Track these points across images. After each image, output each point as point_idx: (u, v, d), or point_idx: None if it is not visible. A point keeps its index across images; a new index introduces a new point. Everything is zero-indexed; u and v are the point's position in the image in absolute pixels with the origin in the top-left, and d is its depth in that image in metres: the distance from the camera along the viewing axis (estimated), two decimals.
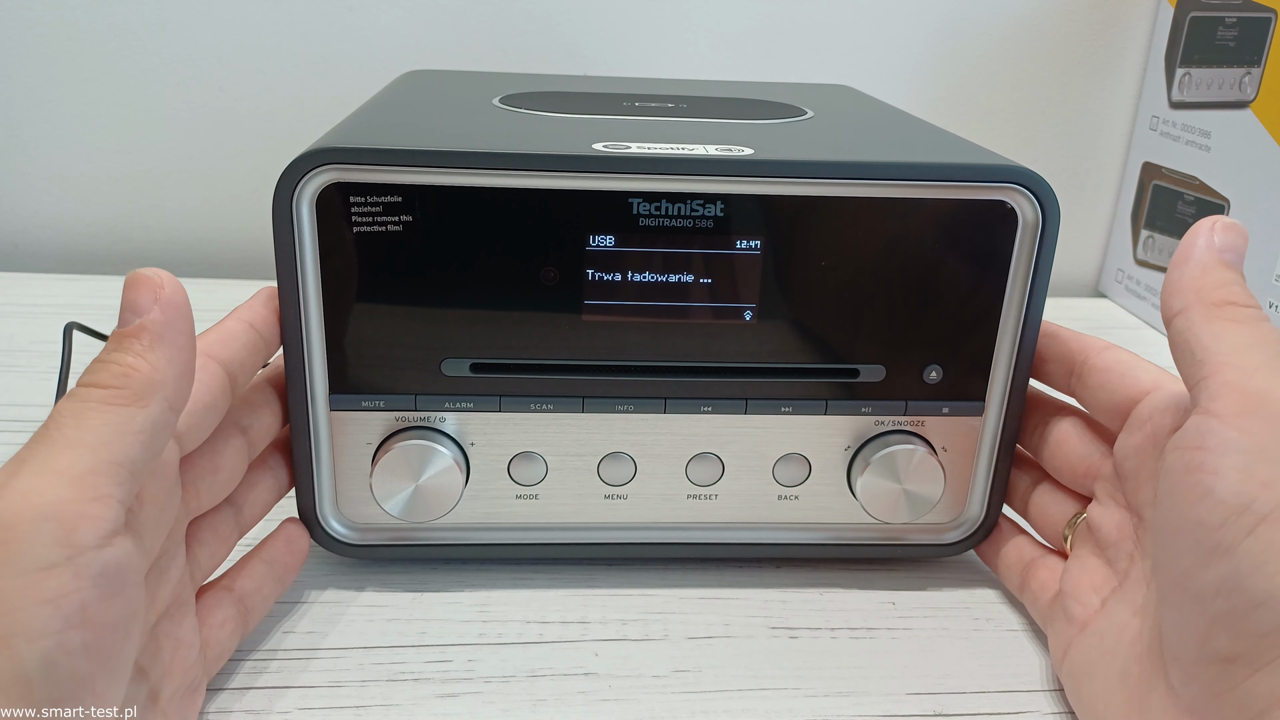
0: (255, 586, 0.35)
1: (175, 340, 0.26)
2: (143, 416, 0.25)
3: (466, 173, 0.34)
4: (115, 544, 0.24)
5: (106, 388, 0.25)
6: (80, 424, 0.24)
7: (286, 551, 0.36)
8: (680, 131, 0.39)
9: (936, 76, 0.76)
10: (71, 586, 0.23)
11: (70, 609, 0.23)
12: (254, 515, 0.36)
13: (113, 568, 0.24)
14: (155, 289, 0.26)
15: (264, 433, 0.35)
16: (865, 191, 0.35)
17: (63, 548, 0.23)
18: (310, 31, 0.71)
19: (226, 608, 0.33)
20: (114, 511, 0.24)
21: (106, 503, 0.24)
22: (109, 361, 0.26)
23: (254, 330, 0.34)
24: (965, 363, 0.38)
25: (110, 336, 0.27)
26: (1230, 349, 0.28)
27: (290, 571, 0.37)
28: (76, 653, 0.23)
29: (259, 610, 0.35)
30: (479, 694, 0.34)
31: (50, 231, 0.76)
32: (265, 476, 0.36)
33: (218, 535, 0.34)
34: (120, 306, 0.27)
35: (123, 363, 0.25)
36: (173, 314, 0.26)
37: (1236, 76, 0.64)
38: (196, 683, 0.31)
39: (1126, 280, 0.77)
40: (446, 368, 0.36)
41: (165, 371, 0.26)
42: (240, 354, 0.33)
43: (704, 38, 0.74)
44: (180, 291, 0.27)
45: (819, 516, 0.40)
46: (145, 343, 0.26)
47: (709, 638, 0.37)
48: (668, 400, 0.38)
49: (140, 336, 0.26)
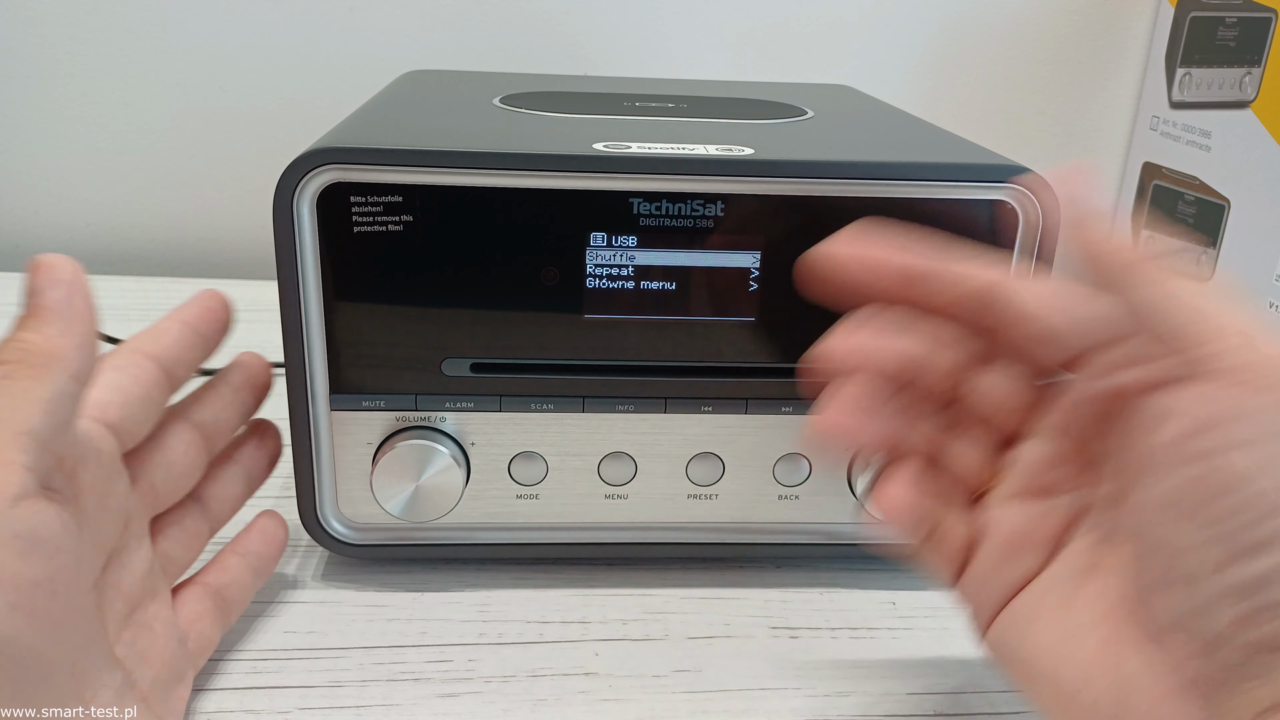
0: (231, 579, 0.35)
1: (70, 313, 0.27)
2: (40, 386, 0.26)
3: (467, 173, 0.34)
4: (24, 506, 0.24)
5: (5, 363, 0.26)
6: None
7: (261, 543, 0.37)
8: (681, 131, 0.39)
9: (936, 76, 0.76)
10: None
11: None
12: (223, 510, 0.36)
13: (24, 529, 0.24)
14: (50, 270, 0.28)
15: (223, 429, 0.36)
16: (866, 191, 0.35)
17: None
18: (310, 31, 0.71)
19: (203, 601, 0.34)
20: (19, 476, 0.24)
21: (10, 468, 0.24)
22: (10, 341, 0.27)
23: (187, 326, 0.34)
24: None
25: (14, 321, 0.27)
26: (1219, 309, 0.25)
27: (267, 562, 0.37)
28: (2, 613, 0.23)
29: (238, 602, 0.35)
30: (479, 694, 0.34)
31: (50, 231, 0.76)
32: (232, 471, 0.37)
33: (185, 530, 0.34)
34: (25, 293, 0.27)
35: (20, 338, 0.26)
36: (68, 290, 0.28)
37: (1237, 76, 0.64)
38: (181, 673, 0.32)
39: None
40: (447, 367, 0.36)
41: (60, 343, 0.27)
42: (173, 349, 0.33)
43: (704, 38, 0.74)
44: (78, 271, 0.28)
45: (819, 516, 0.40)
46: (42, 319, 0.27)
47: (709, 638, 0.37)
48: (668, 400, 0.38)
49: (37, 314, 0.27)
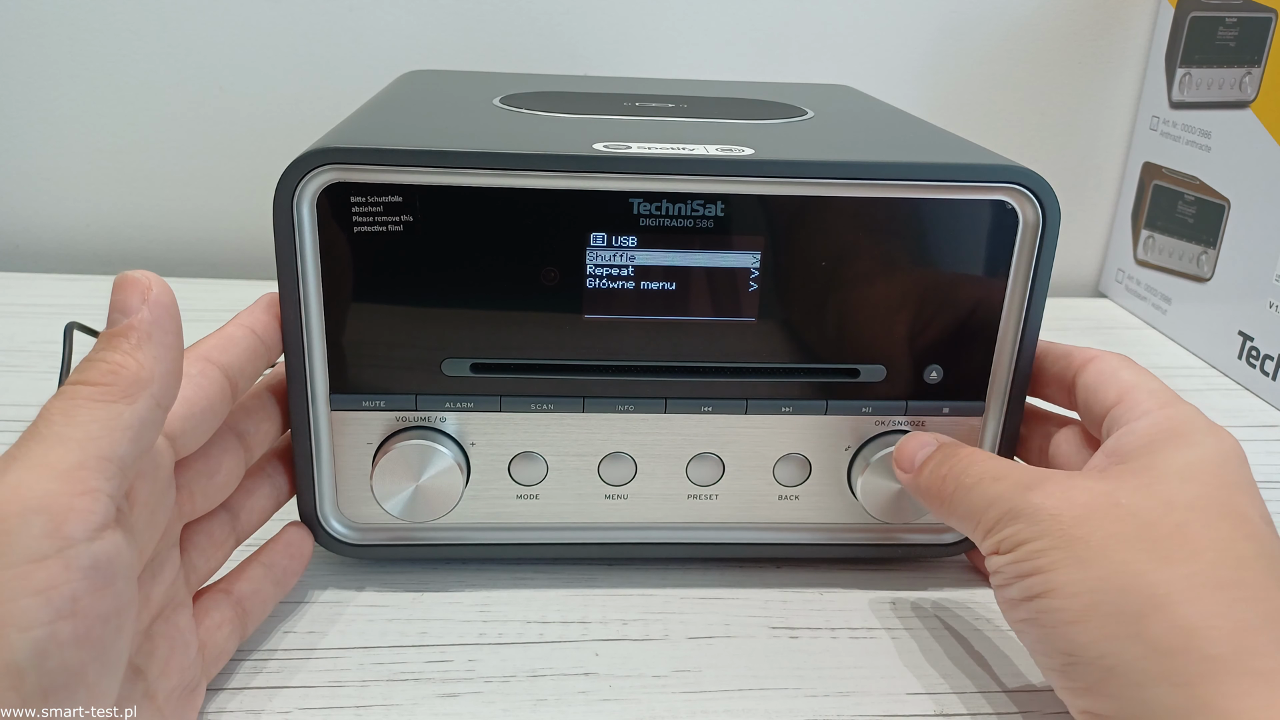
0: (253, 589, 0.35)
1: (163, 339, 0.27)
2: (130, 413, 0.25)
3: (468, 173, 0.34)
4: (105, 537, 0.24)
5: (95, 385, 0.25)
6: (69, 420, 0.25)
7: (286, 555, 0.36)
8: (681, 131, 0.39)
9: (937, 76, 0.76)
10: (62, 578, 0.23)
11: (60, 600, 0.23)
12: (251, 522, 0.36)
13: (103, 560, 0.24)
14: (143, 290, 0.27)
15: (262, 440, 0.36)
16: (866, 191, 0.35)
17: (52, 540, 0.23)
18: (310, 31, 0.71)
19: (224, 609, 0.33)
20: (103, 505, 0.24)
21: (95, 496, 0.24)
22: (97, 360, 0.26)
23: (255, 336, 0.34)
24: (966, 363, 0.38)
25: (99, 336, 0.27)
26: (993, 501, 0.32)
27: (290, 575, 0.37)
28: (67, 643, 0.23)
29: (257, 613, 0.35)
30: (479, 694, 0.34)
31: (50, 231, 0.76)
32: (263, 484, 0.36)
33: (213, 540, 0.34)
34: (109, 308, 0.27)
35: (111, 361, 0.26)
36: (160, 313, 0.27)
37: (1237, 76, 0.64)
38: (195, 683, 0.31)
39: (1127, 280, 0.77)
40: (447, 368, 0.36)
41: (153, 369, 0.26)
42: (241, 359, 0.33)
43: (704, 38, 0.74)
44: (168, 292, 0.27)
45: (819, 516, 0.40)
46: (133, 341, 0.26)
47: (709, 638, 0.37)
48: (668, 400, 0.38)
49: (128, 335, 0.26)
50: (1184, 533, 0.28)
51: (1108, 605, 0.28)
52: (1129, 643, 0.27)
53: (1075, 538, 0.29)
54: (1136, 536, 0.28)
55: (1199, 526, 0.29)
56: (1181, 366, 0.66)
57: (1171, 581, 0.27)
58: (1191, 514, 0.29)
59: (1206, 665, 0.26)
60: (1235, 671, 0.26)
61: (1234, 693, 0.26)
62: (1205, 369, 0.65)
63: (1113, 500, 0.30)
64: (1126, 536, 0.29)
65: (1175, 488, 0.30)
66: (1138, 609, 0.27)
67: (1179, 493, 0.30)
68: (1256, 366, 0.61)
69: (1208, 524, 0.29)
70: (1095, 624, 0.28)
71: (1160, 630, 0.27)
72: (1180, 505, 0.29)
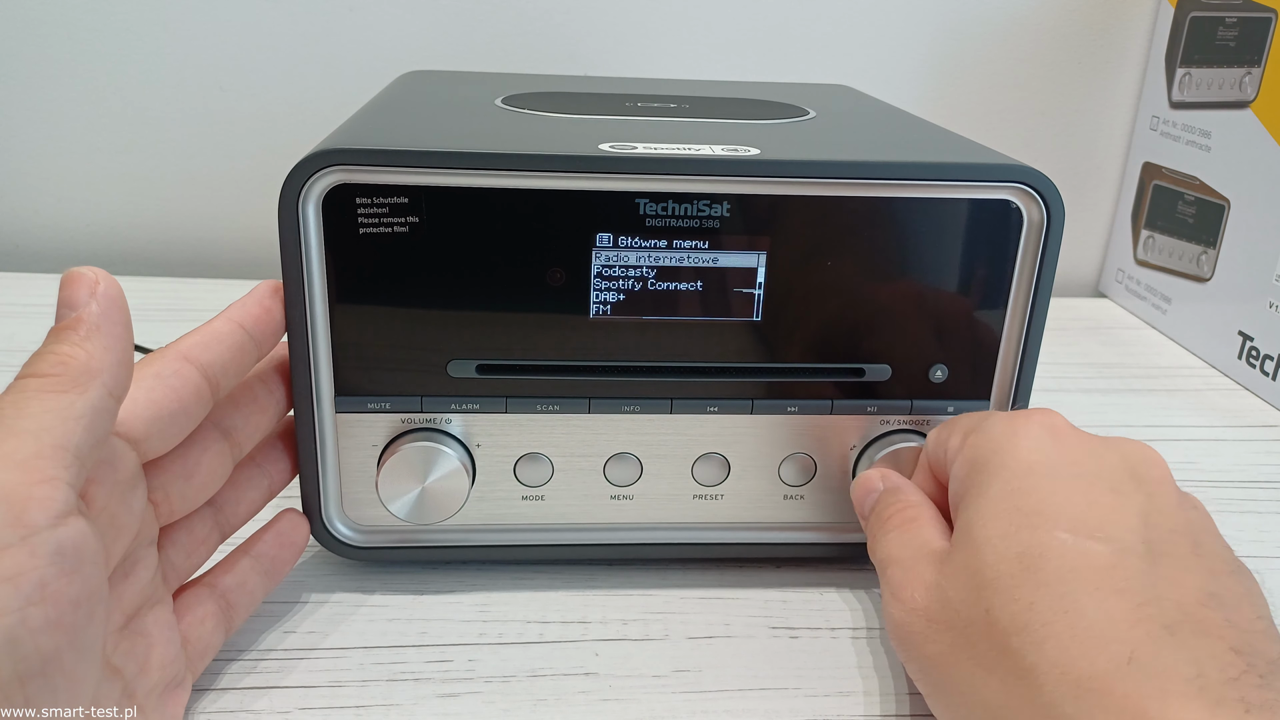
0: (238, 582, 0.34)
1: (111, 330, 0.27)
2: (82, 402, 0.25)
3: (474, 174, 0.34)
4: (69, 524, 0.24)
5: (45, 376, 0.25)
6: (20, 412, 0.25)
7: (276, 545, 0.36)
8: (685, 132, 0.39)
9: (937, 76, 0.76)
10: (28, 564, 0.23)
11: (29, 586, 0.23)
12: (238, 515, 0.35)
13: (68, 546, 0.24)
14: (91, 285, 0.27)
15: (252, 433, 0.35)
16: (871, 191, 0.35)
17: (14, 528, 0.23)
18: (310, 31, 0.71)
19: (206, 604, 0.33)
20: (62, 492, 0.24)
21: (55, 484, 0.24)
22: (46, 352, 0.26)
23: (243, 331, 0.33)
24: (970, 362, 0.38)
25: (49, 331, 0.27)
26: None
27: (282, 565, 0.36)
28: (39, 629, 0.23)
29: (245, 606, 0.34)
30: (479, 694, 0.34)
31: (50, 231, 0.76)
32: (254, 475, 0.36)
33: (194, 537, 0.33)
34: (57, 304, 0.27)
35: (59, 352, 0.26)
36: (108, 306, 0.27)
37: (1237, 76, 0.64)
38: (178, 679, 0.31)
39: (1127, 280, 0.77)
40: (453, 369, 0.36)
41: (102, 359, 0.26)
42: (224, 356, 0.32)
43: (704, 38, 0.74)
44: (115, 286, 0.27)
45: (825, 516, 0.40)
46: (81, 333, 0.26)
47: (709, 638, 0.37)
48: (674, 401, 0.38)
49: (76, 328, 0.26)
50: (990, 619, 0.28)
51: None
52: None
53: (917, 657, 0.31)
54: (964, 645, 0.29)
55: (1002, 602, 0.28)
56: (1181, 366, 0.66)
57: (995, 692, 0.28)
58: (996, 593, 0.28)
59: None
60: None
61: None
62: (1205, 369, 0.65)
63: (943, 599, 0.30)
64: (955, 646, 0.29)
65: (980, 557, 0.30)
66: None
67: (985, 562, 0.29)
68: (1256, 366, 0.61)
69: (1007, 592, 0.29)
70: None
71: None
72: (988, 582, 0.29)
